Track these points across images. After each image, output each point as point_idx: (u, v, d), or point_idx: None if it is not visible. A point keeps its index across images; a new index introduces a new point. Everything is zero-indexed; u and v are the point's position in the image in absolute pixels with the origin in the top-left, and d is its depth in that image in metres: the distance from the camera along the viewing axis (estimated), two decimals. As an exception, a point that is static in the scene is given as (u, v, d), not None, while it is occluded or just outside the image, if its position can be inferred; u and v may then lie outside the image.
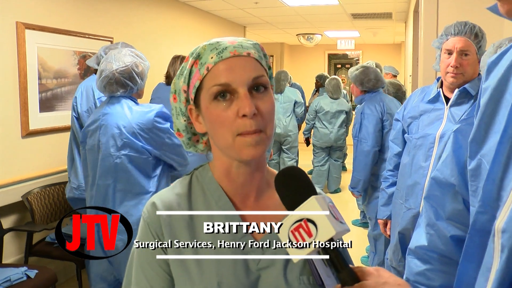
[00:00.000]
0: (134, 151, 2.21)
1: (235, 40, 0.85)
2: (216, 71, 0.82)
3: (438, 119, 2.08)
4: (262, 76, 0.83)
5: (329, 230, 0.71)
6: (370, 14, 6.53)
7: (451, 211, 1.06)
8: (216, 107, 0.81)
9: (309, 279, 0.83)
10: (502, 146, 0.73)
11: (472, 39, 1.99)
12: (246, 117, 0.79)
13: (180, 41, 5.44)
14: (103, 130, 2.23)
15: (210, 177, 0.89)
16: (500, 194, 0.71)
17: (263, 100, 0.82)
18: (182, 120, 0.90)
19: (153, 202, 0.87)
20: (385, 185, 2.46)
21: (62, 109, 3.52)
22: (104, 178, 2.23)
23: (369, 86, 3.31)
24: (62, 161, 3.38)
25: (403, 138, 2.32)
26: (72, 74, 3.61)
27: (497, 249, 0.68)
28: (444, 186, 1.07)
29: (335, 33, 8.99)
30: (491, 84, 0.81)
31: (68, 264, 3.29)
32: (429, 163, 2.07)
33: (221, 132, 0.81)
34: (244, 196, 0.88)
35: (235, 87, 0.80)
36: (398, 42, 10.50)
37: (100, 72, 2.25)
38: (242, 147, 0.80)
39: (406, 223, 2.16)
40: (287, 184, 0.77)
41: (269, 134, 0.82)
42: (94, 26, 3.87)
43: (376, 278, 0.71)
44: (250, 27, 7.82)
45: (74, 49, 3.62)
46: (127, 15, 4.40)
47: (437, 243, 1.08)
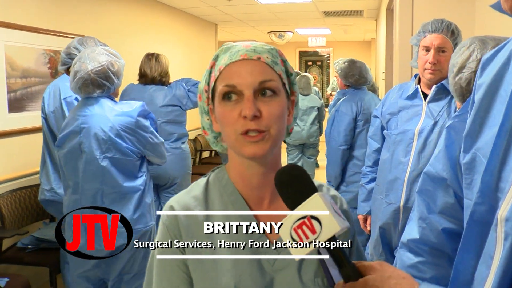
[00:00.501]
0: (119, 153, 2.18)
1: (251, 44, 0.88)
2: (226, 73, 0.86)
3: (416, 115, 2.12)
4: (270, 80, 0.85)
5: (334, 227, 0.71)
6: (342, 11, 6.59)
7: (443, 205, 1.09)
8: (224, 106, 0.85)
9: (323, 281, 0.84)
10: (499, 140, 0.74)
11: (449, 36, 2.03)
12: (246, 118, 0.82)
13: (151, 39, 5.36)
14: (85, 133, 2.17)
15: (226, 179, 0.92)
16: (499, 186, 0.73)
17: (268, 104, 0.84)
18: (206, 119, 0.93)
19: (170, 206, 0.90)
20: (364, 181, 2.49)
21: (33, 109, 3.40)
22: (91, 182, 2.17)
23: (351, 81, 3.31)
24: (33, 163, 3.28)
25: (382, 134, 2.35)
26: (42, 73, 3.50)
27: (500, 237, 0.69)
28: (436, 181, 1.10)
29: (306, 30, 9.06)
30: (486, 81, 0.82)
31: (40, 269, 3.19)
32: (409, 158, 2.10)
33: (227, 131, 0.85)
34: (259, 198, 0.90)
35: (241, 89, 0.83)
36: (368, 39, 10.66)
37: (74, 73, 2.18)
38: (243, 145, 0.83)
39: (386, 217, 2.19)
40: (288, 182, 0.77)
41: (273, 133, 0.84)
42: (63, 24, 3.76)
43: (380, 273, 0.72)
44: (221, 25, 7.78)
45: (43, 47, 3.51)
46: (97, 12, 4.30)
47: (429, 236, 1.11)
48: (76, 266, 2.27)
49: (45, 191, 2.75)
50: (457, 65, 1.33)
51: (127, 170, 2.21)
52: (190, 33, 6.63)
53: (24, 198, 3.15)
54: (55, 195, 2.70)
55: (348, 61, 3.34)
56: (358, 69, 3.30)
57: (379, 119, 2.35)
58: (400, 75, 3.15)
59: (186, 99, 3.36)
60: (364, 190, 2.49)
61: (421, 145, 2.06)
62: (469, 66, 1.29)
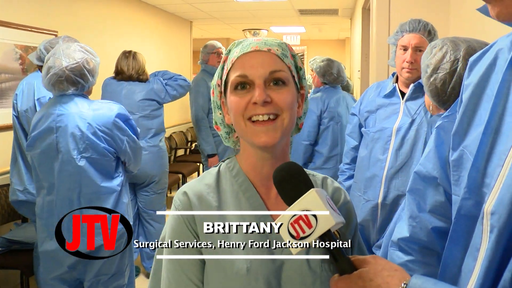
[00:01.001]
0: (97, 153, 2.13)
1: (262, 38, 0.92)
2: (238, 64, 0.89)
3: (394, 113, 2.16)
4: (280, 71, 0.88)
5: (329, 221, 0.74)
6: (317, 10, 6.63)
7: (433, 204, 1.11)
8: (236, 95, 0.88)
9: (330, 266, 0.88)
10: (485, 137, 0.77)
11: (426, 36, 2.08)
12: (257, 104, 0.85)
13: (126, 35, 5.27)
14: (61, 132, 2.11)
15: (238, 169, 0.95)
16: (485, 181, 0.76)
17: (278, 91, 0.87)
18: (218, 114, 0.97)
19: (184, 192, 0.92)
20: (342, 178, 2.51)
21: (3, 106, 3.29)
22: (68, 182, 2.12)
23: (329, 79, 3.36)
24: (3, 163, 3.18)
25: (359, 132, 2.38)
26: (14, 70, 3.39)
27: (486, 230, 0.73)
28: (427, 180, 1.12)
29: (281, 28, 9.08)
30: (473, 81, 0.85)
31: (10, 272, 3.09)
32: (387, 156, 2.14)
33: (236, 119, 0.88)
34: (268, 187, 0.93)
35: (252, 79, 0.87)
36: (343, 38, 10.77)
37: (48, 69, 2.10)
38: (254, 133, 0.86)
39: (365, 214, 2.22)
40: (285, 179, 0.80)
41: (286, 121, 0.87)
42: (36, 19, 3.65)
43: (374, 266, 0.74)
44: (196, 22, 7.72)
45: (15, 43, 3.39)
46: (71, 7, 4.20)
47: (419, 234, 1.13)
48: (50, 269, 2.20)
49: (17, 192, 2.66)
50: (431, 66, 1.35)
51: (104, 170, 2.17)
52: (165, 30, 6.56)
53: (-6, 198, 3.05)
54: (28, 195, 2.61)
55: (327, 60, 3.39)
56: (337, 68, 3.36)
57: (357, 116, 2.38)
58: (377, 74, 3.19)
59: (164, 93, 3.34)
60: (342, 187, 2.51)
61: (398, 142, 2.10)
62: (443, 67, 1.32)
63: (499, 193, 0.72)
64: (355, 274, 0.74)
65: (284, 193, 0.79)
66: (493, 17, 0.69)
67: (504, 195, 0.70)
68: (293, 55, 0.93)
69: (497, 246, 0.70)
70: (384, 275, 0.73)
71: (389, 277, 0.73)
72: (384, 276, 0.73)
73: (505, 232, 0.69)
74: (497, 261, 0.70)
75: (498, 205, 0.71)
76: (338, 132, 3.25)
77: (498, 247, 0.70)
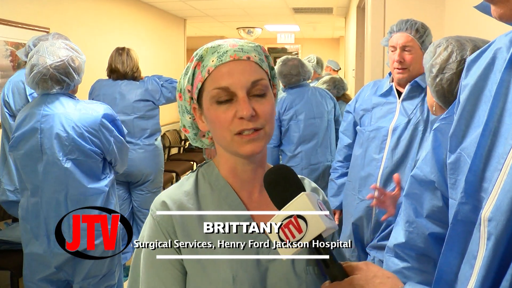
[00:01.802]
0: (83, 155, 2.08)
1: (236, 43, 0.88)
2: (217, 75, 0.85)
3: (390, 113, 2.14)
4: (261, 79, 0.86)
5: (319, 226, 0.72)
6: (311, 8, 6.62)
7: (430, 208, 1.09)
8: (216, 109, 0.85)
9: (314, 270, 0.87)
10: (483, 140, 0.75)
11: (413, 34, 2.06)
12: (243, 119, 0.83)
13: (119, 33, 5.23)
14: (46, 133, 2.05)
15: (216, 174, 0.93)
16: (483, 185, 0.74)
17: (261, 102, 0.85)
18: (188, 118, 0.94)
19: (162, 201, 0.89)
20: (334, 176, 2.50)
21: (-7, 104, 3.24)
22: (53, 184, 2.06)
23: (290, 81, 3.23)
24: (-7, 161, 3.12)
25: (354, 130, 2.37)
26: (4, 66, 3.34)
27: (483, 237, 0.71)
28: (424, 184, 1.09)
29: (275, 27, 9.07)
30: (471, 81, 0.83)
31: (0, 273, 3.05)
32: (382, 155, 2.12)
33: (220, 132, 0.86)
34: (249, 191, 0.92)
35: (234, 90, 0.84)
36: (337, 37, 10.77)
37: (31, 67, 2.04)
38: (240, 145, 0.85)
39: (359, 214, 2.21)
40: (276, 182, 0.79)
41: (268, 131, 0.86)
42: (26, 15, 3.60)
43: (365, 272, 0.73)
44: (190, 20, 7.68)
45: (5, 39, 3.35)
46: (62, 4, 4.15)
47: (416, 240, 1.10)
48: (36, 270, 2.16)
49: (7, 192, 2.62)
50: (436, 66, 1.33)
51: (91, 171, 2.12)
52: (158, 27, 6.51)
53: (-16, 198, 2.99)
54: (19, 196, 2.56)
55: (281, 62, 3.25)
56: (289, 68, 3.21)
57: (351, 114, 2.36)
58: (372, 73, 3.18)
59: (158, 94, 3.30)
60: (334, 185, 2.50)
61: (394, 142, 2.09)
62: (450, 67, 1.30)
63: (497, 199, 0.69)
64: (346, 281, 0.72)
65: (274, 196, 0.78)
66: (496, 17, 0.68)
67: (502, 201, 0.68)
68: (266, 56, 0.92)
69: (494, 254, 0.68)
70: (375, 283, 0.71)
71: (381, 284, 0.71)
72: (376, 283, 0.71)
73: (503, 240, 0.67)
74: (494, 270, 0.68)
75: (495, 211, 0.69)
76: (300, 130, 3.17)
77: (495, 255, 0.68)
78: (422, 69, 2.10)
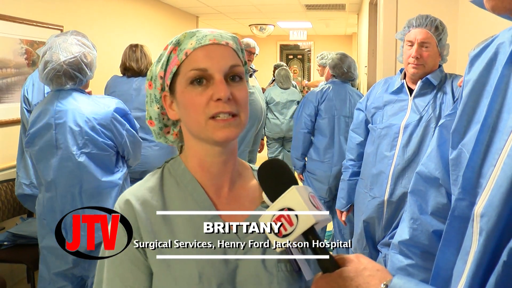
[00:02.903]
0: (96, 148, 2.12)
1: (214, 30, 0.88)
2: (195, 57, 0.84)
3: (402, 110, 2.13)
4: (238, 65, 0.85)
5: (309, 219, 0.73)
6: (324, 5, 6.59)
7: (435, 205, 1.08)
8: (191, 91, 0.83)
9: (286, 266, 0.85)
10: (481, 135, 0.75)
11: (433, 31, 2.05)
12: (220, 101, 0.81)
13: (131, 30, 5.27)
14: (60, 129, 2.09)
15: (183, 169, 0.90)
16: (479, 182, 0.74)
17: (238, 88, 0.84)
18: (156, 108, 0.91)
19: (126, 200, 0.86)
20: (346, 176, 2.48)
21: (9, 101, 3.30)
22: (68, 179, 2.10)
23: (339, 73, 3.35)
24: (9, 157, 3.18)
25: (365, 127, 2.35)
26: (19, 64, 3.39)
27: (476, 232, 0.71)
28: (429, 181, 1.09)
29: (287, 23, 9.04)
30: (473, 77, 0.83)
31: (16, 266, 3.11)
32: (394, 153, 2.12)
33: (194, 116, 0.83)
34: (218, 186, 0.89)
35: (212, 73, 0.82)
36: (350, 34, 10.70)
37: (45, 63, 2.07)
38: (215, 129, 0.82)
39: (371, 211, 2.21)
40: (270, 175, 0.79)
41: (243, 119, 0.84)
42: (41, 13, 3.64)
43: (356, 264, 0.73)
44: (203, 17, 7.70)
45: (20, 37, 3.39)
46: (76, 2, 4.19)
47: (420, 237, 1.10)
48: (53, 264, 2.20)
49: (23, 185, 2.66)
50: None
51: (105, 165, 2.15)
52: (171, 25, 6.54)
53: (0, 193, 3.05)
54: (34, 189, 2.61)
55: (341, 54, 3.40)
56: (347, 64, 3.34)
57: (363, 112, 2.35)
58: (384, 70, 3.16)
59: None
60: (344, 185, 2.47)
61: (406, 139, 2.08)
62: None
63: (489, 194, 0.69)
64: (336, 273, 0.72)
65: (267, 189, 0.79)
66: (488, 9, 0.68)
67: (494, 197, 0.68)
68: (241, 49, 0.90)
69: (485, 250, 0.68)
70: (365, 275, 0.71)
71: (370, 277, 0.71)
72: (365, 275, 0.71)
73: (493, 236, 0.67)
74: (484, 265, 0.68)
75: (488, 207, 0.69)
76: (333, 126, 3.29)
77: (486, 251, 0.68)
78: (436, 66, 2.10)
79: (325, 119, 3.29)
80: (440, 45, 2.08)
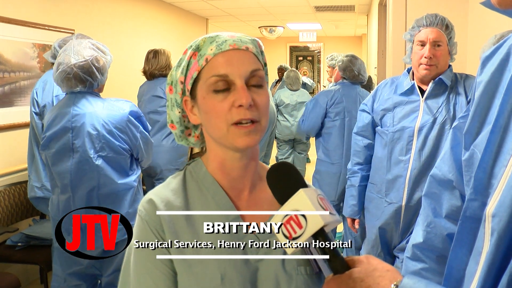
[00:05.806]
0: (112, 152, 2.15)
1: (234, 34, 0.87)
2: (215, 63, 0.84)
3: (413, 112, 2.07)
4: (259, 70, 0.85)
5: (318, 221, 0.73)
6: (333, 6, 6.58)
7: (449, 208, 1.07)
8: (213, 97, 0.83)
9: (306, 269, 0.85)
10: (493, 136, 0.75)
11: (444, 30, 2.01)
12: (242, 107, 0.81)
13: (142, 33, 5.30)
14: (77, 132, 2.11)
15: (204, 172, 0.90)
16: (491, 182, 0.74)
17: (259, 93, 0.84)
18: (177, 112, 0.91)
19: (150, 199, 0.87)
20: (355, 181, 2.33)
21: (22, 104, 3.34)
22: (84, 181, 2.13)
23: (349, 76, 3.34)
24: (22, 159, 3.22)
25: (372, 130, 2.26)
26: (32, 68, 3.43)
27: (488, 233, 0.71)
28: (443, 183, 1.07)
29: (297, 25, 9.04)
30: (485, 78, 0.83)
31: (30, 267, 3.15)
32: (409, 157, 2.05)
33: (216, 122, 0.83)
34: (239, 189, 0.89)
35: (233, 79, 0.82)
36: (359, 35, 10.67)
37: (58, 65, 2.10)
38: (237, 136, 0.82)
39: (387, 217, 2.13)
40: (278, 179, 0.79)
41: (263, 125, 0.84)
42: (53, 18, 3.69)
43: (365, 265, 0.73)
44: (212, 20, 7.73)
45: (33, 41, 3.44)
46: (87, 6, 4.23)
47: (434, 241, 1.09)
48: (68, 264, 2.23)
49: (35, 188, 2.70)
50: None
51: (120, 167, 2.19)
52: (180, 27, 6.57)
53: (14, 195, 3.09)
54: (46, 192, 2.64)
55: (351, 56, 3.38)
56: (358, 66, 3.33)
57: (369, 114, 2.25)
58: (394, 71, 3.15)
59: None
60: (354, 191, 2.32)
61: (421, 143, 2.02)
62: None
63: (501, 195, 0.69)
64: (346, 274, 0.72)
65: (276, 193, 0.78)
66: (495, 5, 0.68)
67: (505, 197, 0.68)
68: (261, 51, 0.90)
69: (496, 250, 0.68)
70: (375, 276, 0.71)
71: (380, 277, 0.71)
72: (375, 276, 0.71)
73: (505, 236, 0.67)
74: (496, 266, 0.68)
75: (499, 207, 0.69)
76: (343, 128, 3.28)
77: (498, 251, 0.68)
78: (447, 66, 2.06)
79: (335, 121, 3.28)
80: (450, 43, 2.04)
